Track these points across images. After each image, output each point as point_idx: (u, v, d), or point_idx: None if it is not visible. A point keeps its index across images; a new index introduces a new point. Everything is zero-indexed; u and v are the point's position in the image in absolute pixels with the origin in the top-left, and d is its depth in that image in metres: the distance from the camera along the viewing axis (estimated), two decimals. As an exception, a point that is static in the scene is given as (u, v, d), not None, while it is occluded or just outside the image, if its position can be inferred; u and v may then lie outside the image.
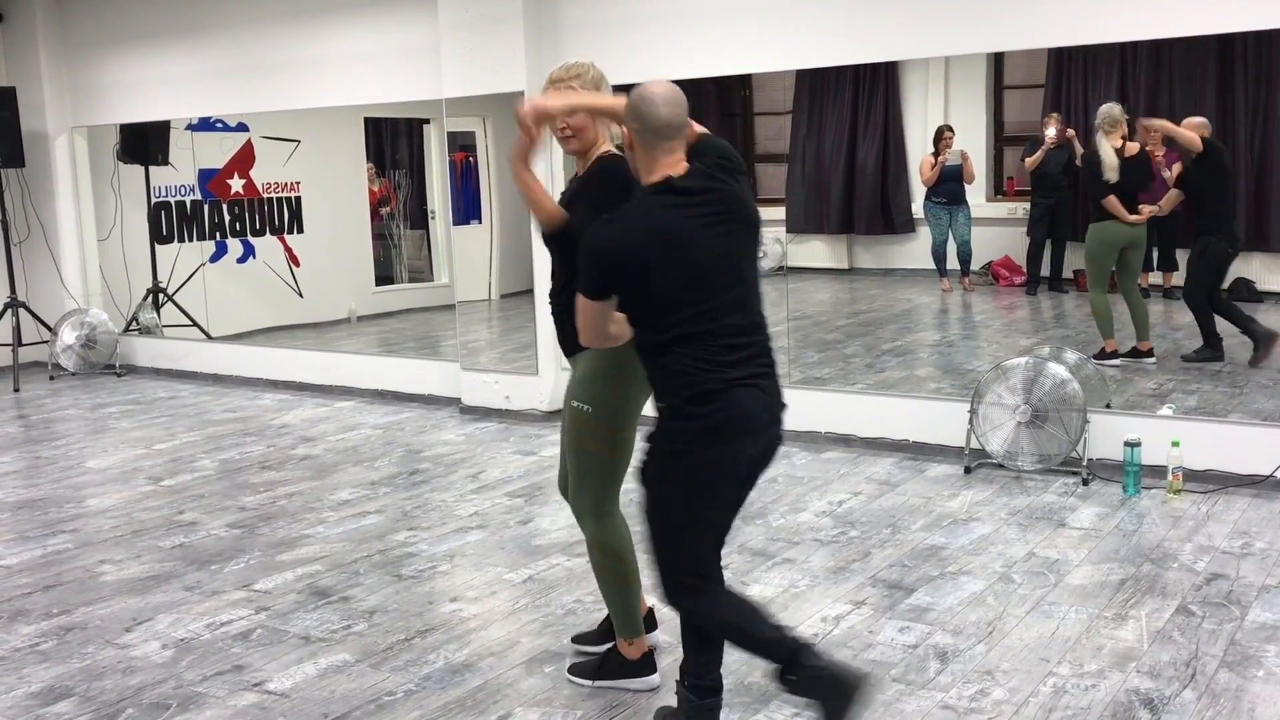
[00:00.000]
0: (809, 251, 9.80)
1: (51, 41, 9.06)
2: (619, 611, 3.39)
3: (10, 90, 8.74)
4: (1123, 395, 6.32)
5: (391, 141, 11.24)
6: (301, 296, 10.19)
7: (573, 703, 3.37)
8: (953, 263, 8.85)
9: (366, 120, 10.52)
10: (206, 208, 9.81)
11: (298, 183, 10.21)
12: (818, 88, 9.51)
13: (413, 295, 10.85)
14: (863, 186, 9.42)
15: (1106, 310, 7.03)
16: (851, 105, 9.38)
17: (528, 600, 4.16)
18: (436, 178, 10.53)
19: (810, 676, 2.82)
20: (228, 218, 9.91)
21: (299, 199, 10.25)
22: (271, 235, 10.12)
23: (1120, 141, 6.96)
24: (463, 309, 8.02)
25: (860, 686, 2.80)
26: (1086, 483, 5.31)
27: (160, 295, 9.41)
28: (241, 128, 9.77)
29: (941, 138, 8.65)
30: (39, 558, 4.83)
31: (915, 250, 9.20)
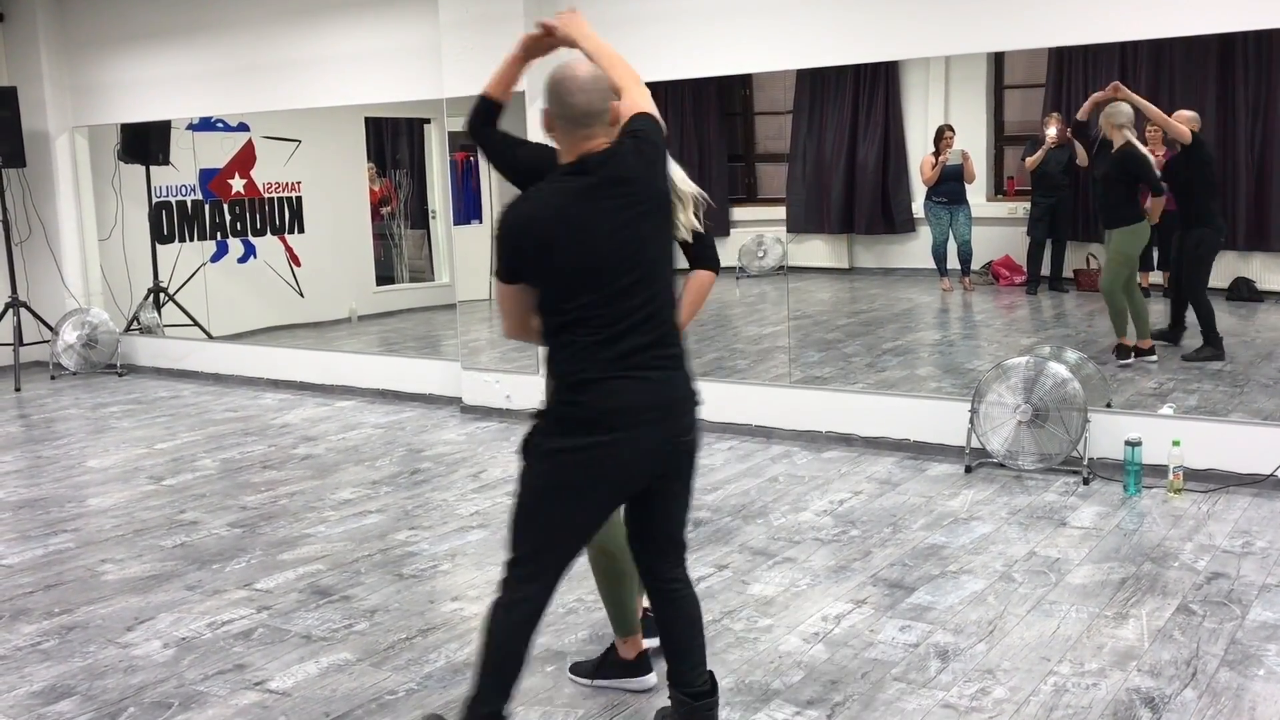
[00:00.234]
0: (809, 251, 9.80)
1: (52, 41, 9.07)
2: (612, 609, 3.40)
3: (11, 90, 8.75)
4: (1123, 395, 6.32)
5: (392, 141, 11.25)
6: (302, 296, 10.19)
7: (573, 702, 3.37)
8: (953, 262, 8.86)
9: (367, 120, 10.52)
10: (207, 207, 9.82)
11: (299, 182, 10.22)
12: (818, 87, 9.51)
13: (413, 295, 10.86)
14: (863, 186, 9.43)
15: (1127, 308, 7.05)
16: (852, 105, 9.38)
17: (529, 599, 4.16)
18: (437, 177, 10.54)
19: None
20: (229, 217, 9.92)
21: (300, 199, 10.26)
22: (272, 235, 10.12)
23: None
24: (463, 308, 8.02)
25: None
26: (1087, 482, 5.31)
27: (161, 295, 9.41)
28: (242, 127, 9.77)
29: (942, 137, 8.65)
30: (40, 557, 4.84)
31: (916, 250, 9.20)
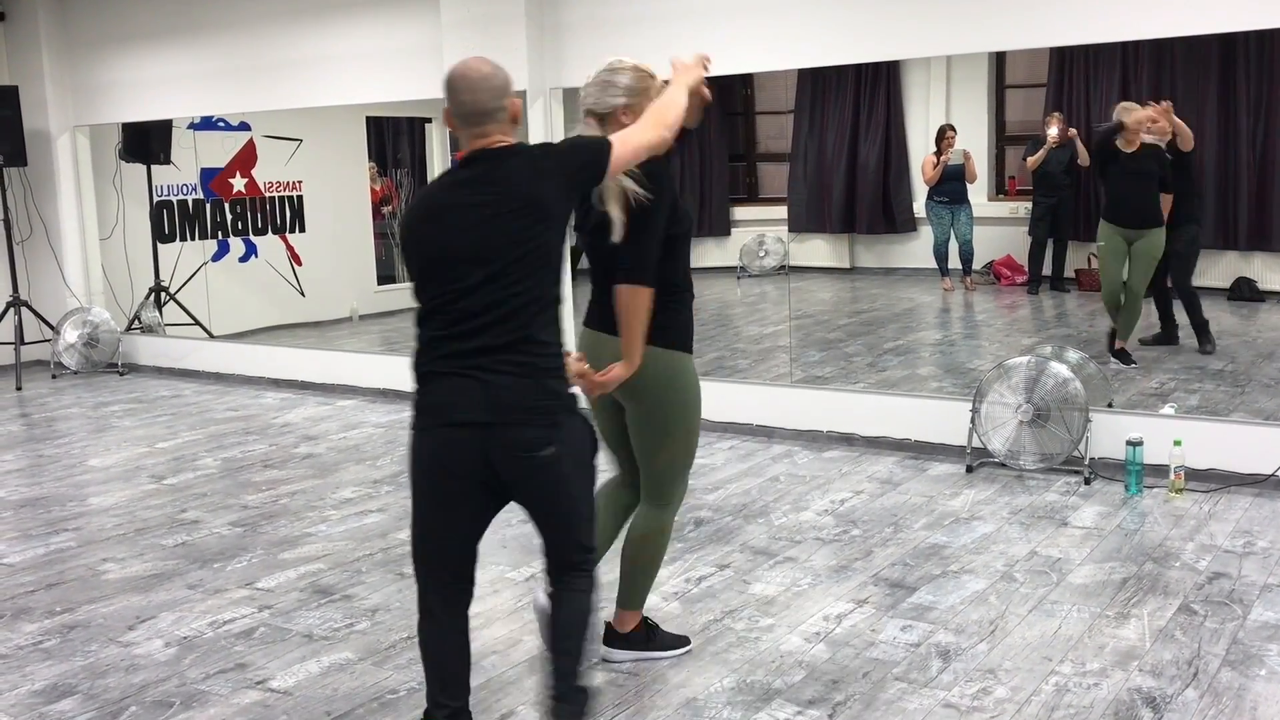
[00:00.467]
0: (811, 250, 9.82)
1: (54, 40, 9.06)
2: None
3: (12, 89, 8.75)
4: (1125, 394, 6.32)
5: (393, 140, 11.25)
6: (303, 295, 10.20)
7: (575, 701, 3.37)
8: (955, 262, 8.87)
9: (368, 119, 10.53)
10: (209, 206, 9.82)
11: (300, 182, 10.22)
12: (819, 87, 9.52)
13: (414, 294, 10.85)
14: (864, 186, 9.44)
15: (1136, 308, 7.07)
16: (853, 104, 9.39)
17: (530, 599, 4.16)
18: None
19: None
20: (230, 216, 9.92)
21: (301, 198, 10.26)
22: (273, 234, 10.13)
23: None
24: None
25: None
26: (1088, 482, 5.31)
27: (162, 294, 9.41)
28: (243, 127, 9.78)
29: (944, 137, 8.65)
30: (42, 556, 4.84)
31: (917, 249, 9.21)
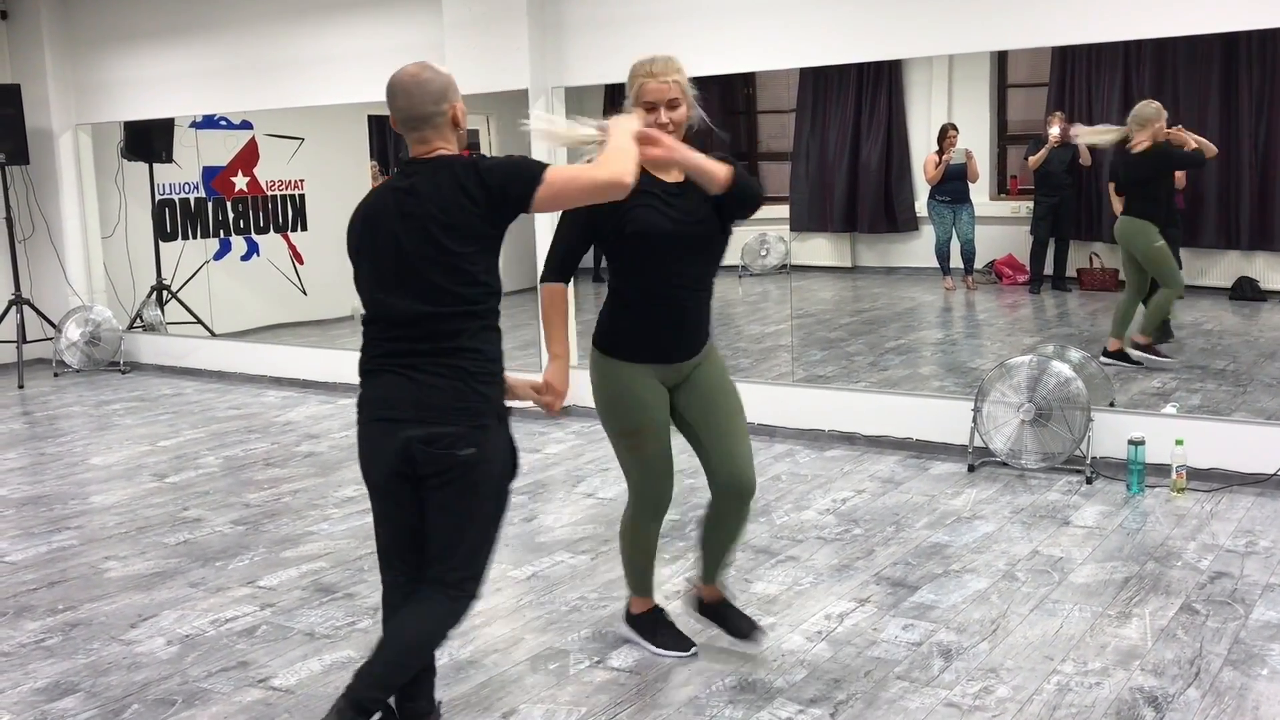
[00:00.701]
0: (812, 249, 9.81)
1: (56, 39, 9.07)
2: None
3: (15, 87, 8.75)
4: (1126, 394, 6.32)
5: (395, 139, 11.18)
6: (305, 294, 10.19)
7: (577, 699, 3.37)
8: (956, 261, 8.85)
9: (370, 118, 10.50)
10: (210, 205, 9.82)
11: (302, 180, 10.21)
12: (821, 86, 9.51)
13: (416, 293, 10.83)
14: (866, 185, 9.43)
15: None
16: (855, 103, 9.38)
17: (532, 597, 4.17)
18: (440, 176, 10.52)
19: None
20: (232, 215, 9.92)
21: (303, 196, 10.25)
22: (275, 233, 10.12)
23: None
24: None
25: None
26: (1090, 481, 5.31)
27: (164, 292, 9.42)
28: (245, 125, 9.77)
29: (946, 136, 8.64)
30: (44, 554, 4.84)
31: (918, 249, 9.20)
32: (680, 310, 3.34)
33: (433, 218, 2.77)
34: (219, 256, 9.87)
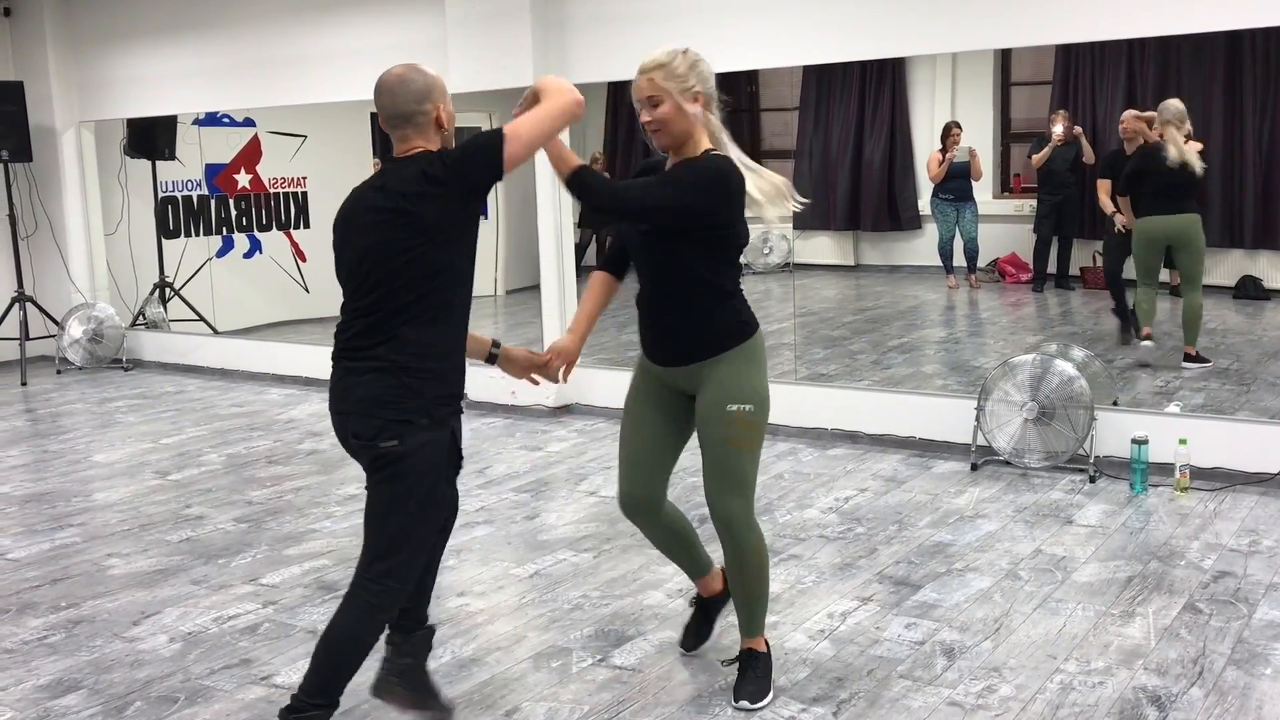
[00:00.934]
0: (815, 247, 9.80)
1: (59, 36, 9.07)
2: (762, 608, 3.34)
3: (18, 85, 8.75)
4: (1130, 393, 6.31)
5: (388, 132, 11.23)
6: (308, 291, 10.19)
7: (579, 697, 3.37)
8: (959, 259, 8.84)
9: (373, 115, 10.44)
10: (213, 202, 9.82)
11: (304, 178, 10.21)
12: (824, 84, 9.50)
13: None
14: (869, 183, 9.41)
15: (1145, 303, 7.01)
16: (858, 101, 9.37)
17: (534, 595, 4.17)
18: (443, 173, 10.51)
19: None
20: (234, 212, 9.92)
21: (305, 194, 10.25)
22: (278, 230, 10.12)
23: None
24: (469, 304, 8.00)
25: None
26: (1093, 480, 5.30)
27: (167, 290, 9.42)
28: (248, 123, 9.77)
29: (949, 134, 8.63)
30: (47, 551, 4.84)
31: (921, 247, 9.19)
32: (650, 314, 3.26)
33: (395, 213, 2.84)
34: (221, 254, 9.87)
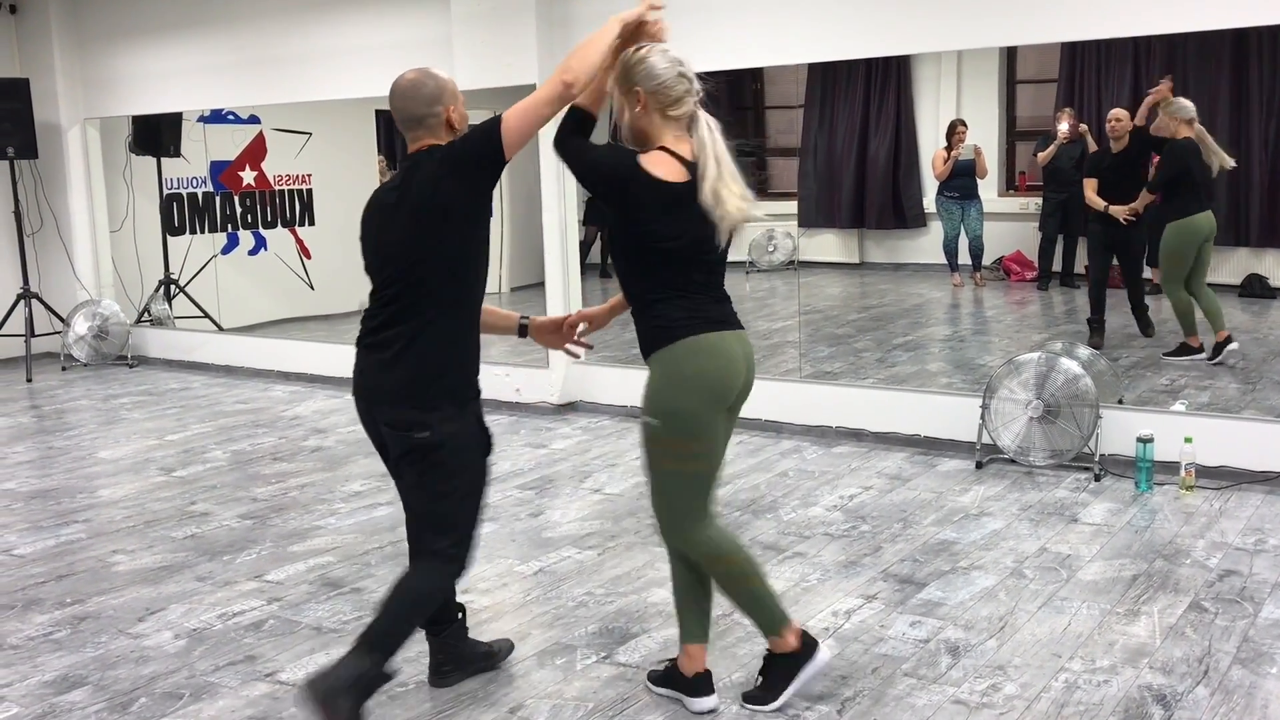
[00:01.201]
0: (820, 245, 9.80)
1: (64, 33, 9.08)
2: (758, 611, 3.23)
3: (23, 82, 8.76)
4: (1135, 391, 6.31)
5: (403, 134, 11.24)
6: (313, 289, 10.20)
7: (584, 695, 3.37)
8: (964, 257, 8.84)
9: (378, 113, 10.49)
10: (218, 200, 9.83)
11: (309, 175, 10.22)
12: (829, 81, 9.49)
13: (423, 288, 10.83)
14: (874, 181, 9.41)
15: (1189, 307, 6.86)
16: (863, 99, 9.36)
17: (539, 592, 4.17)
18: (448, 171, 10.51)
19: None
20: (239, 210, 9.93)
21: (310, 191, 10.26)
22: (283, 227, 10.13)
23: None
24: (473, 302, 8.01)
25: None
26: (1099, 478, 5.30)
27: (172, 287, 9.43)
28: (253, 120, 9.77)
29: (954, 132, 8.63)
30: (52, 547, 4.85)
31: (926, 245, 9.19)
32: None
33: (409, 206, 3.01)
34: (226, 251, 9.88)
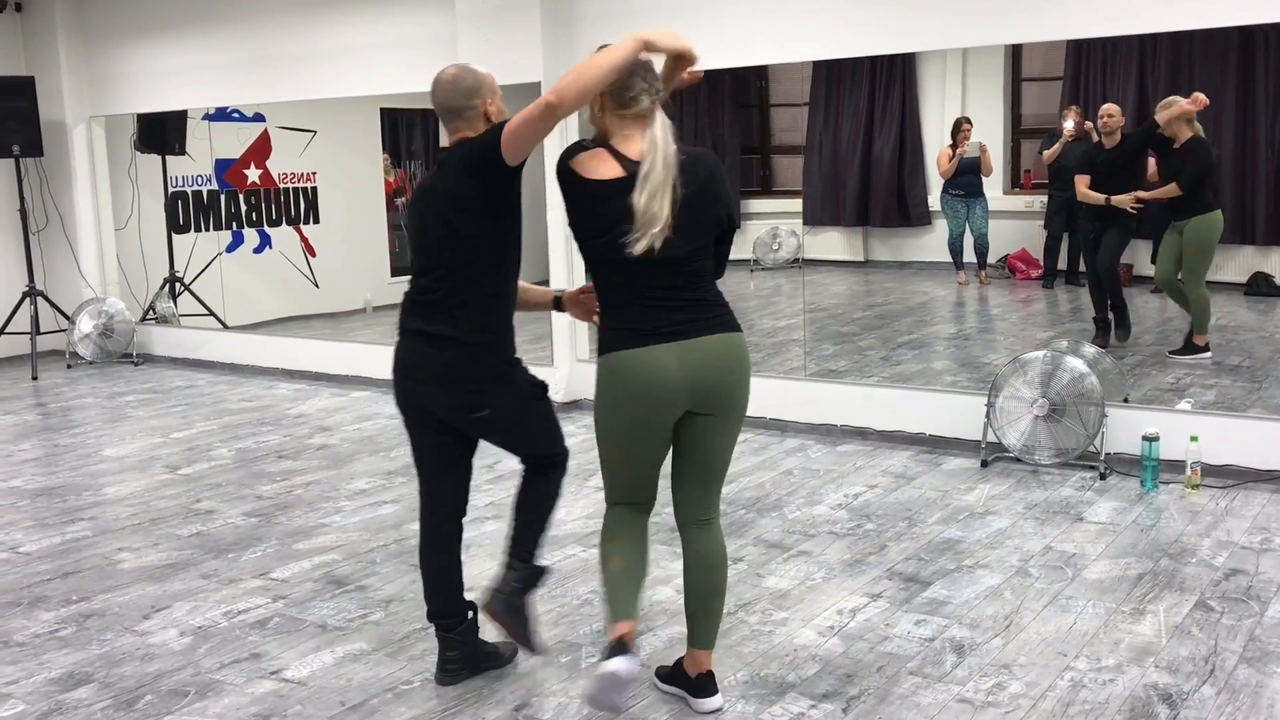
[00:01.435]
0: (825, 243, 9.78)
1: (70, 31, 9.09)
2: (607, 596, 3.16)
3: (29, 80, 8.78)
4: (1140, 390, 6.29)
5: (407, 132, 11.23)
6: (317, 286, 10.20)
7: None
8: (969, 256, 8.82)
9: (382, 111, 10.50)
10: (223, 197, 9.84)
11: (314, 173, 10.22)
12: (834, 79, 9.47)
13: (428, 286, 10.84)
14: (879, 178, 9.39)
15: (1209, 303, 6.83)
16: (868, 97, 9.34)
17: (543, 590, 4.16)
18: (452, 169, 10.51)
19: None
20: (244, 207, 9.93)
21: (315, 189, 10.26)
22: (288, 225, 10.13)
23: None
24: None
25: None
26: (1104, 477, 5.29)
27: (177, 285, 9.44)
28: (258, 118, 9.78)
29: (960, 130, 8.61)
30: (58, 545, 4.86)
31: (931, 243, 9.16)
32: None
33: (439, 195, 3.13)
34: (231, 249, 9.89)
